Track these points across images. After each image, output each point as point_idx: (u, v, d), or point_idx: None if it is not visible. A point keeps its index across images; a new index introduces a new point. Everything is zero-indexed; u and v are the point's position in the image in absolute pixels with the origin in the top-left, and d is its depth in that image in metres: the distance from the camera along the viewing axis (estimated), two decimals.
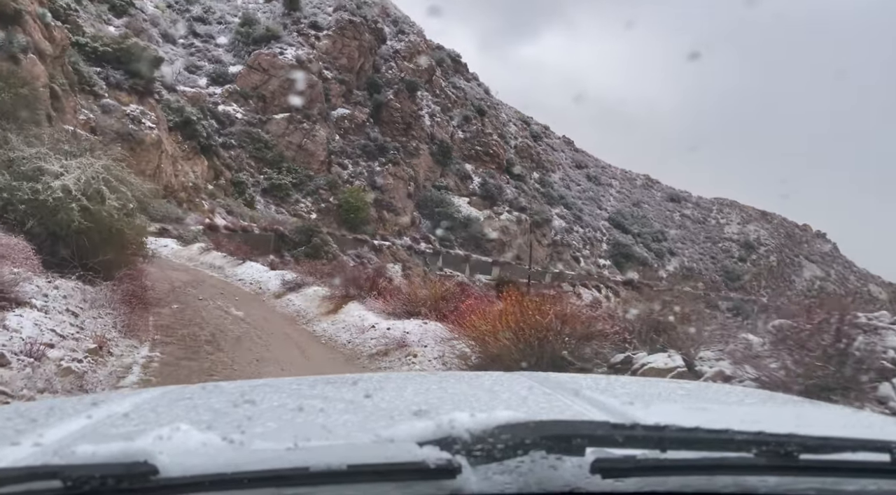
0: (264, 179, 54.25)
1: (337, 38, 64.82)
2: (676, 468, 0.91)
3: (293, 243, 36.00)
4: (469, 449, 0.87)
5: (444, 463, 0.83)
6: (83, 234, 8.46)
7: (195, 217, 33.14)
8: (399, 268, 55.00)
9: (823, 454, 0.93)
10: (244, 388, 1.69)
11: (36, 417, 1.31)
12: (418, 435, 0.90)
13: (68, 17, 32.46)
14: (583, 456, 0.89)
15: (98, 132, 28.55)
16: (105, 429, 1.21)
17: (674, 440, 0.91)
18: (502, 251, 62.57)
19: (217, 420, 1.27)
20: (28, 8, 24.77)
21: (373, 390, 1.55)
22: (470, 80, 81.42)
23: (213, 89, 57.33)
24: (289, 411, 1.36)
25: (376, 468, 0.83)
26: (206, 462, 0.83)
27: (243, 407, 1.38)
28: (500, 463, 0.88)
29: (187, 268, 14.56)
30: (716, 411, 1.48)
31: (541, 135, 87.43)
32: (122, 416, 1.32)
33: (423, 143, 66.24)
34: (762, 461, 0.92)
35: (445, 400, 1.45)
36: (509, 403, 1.48)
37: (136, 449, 0.83)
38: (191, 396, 1.57)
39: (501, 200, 65.73)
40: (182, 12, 63.08)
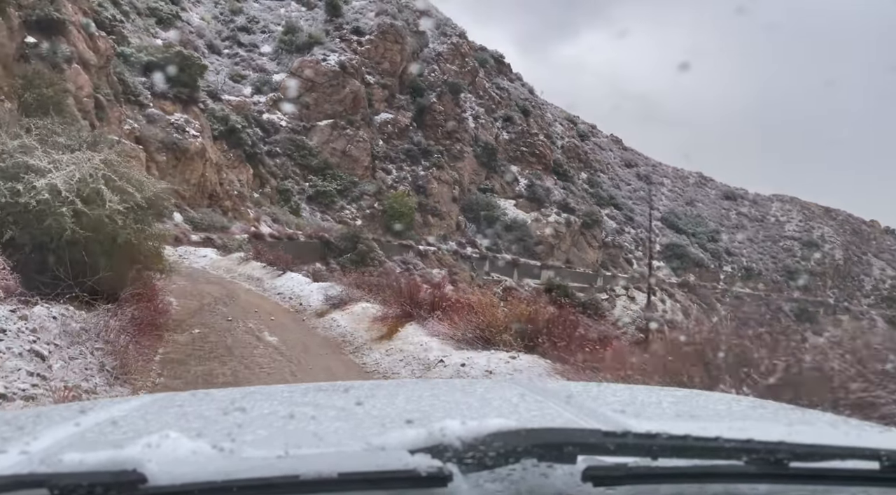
0: (309, 186, 54.05)
1: (379, 42, 64.31)
2: (667, 475, 0.91)
3: (339, 250, 35.28)
4: (460, 457, 0.87)
5: (435, 471, 0.84)
6: (79, 246, 6.92)
7: (240, 226, 32.74)
8: (445, 273, 53.99)
9: (813, 462, 0.94)
10: (235, 396, 1.66)
11: (23, 425, 1.28)
12: (410, 442, 0.90)
13: (113, 27, 32.51)
14: (574, 464, 0.89)
15: (143, 141, 28.33)
16: (93, 437, 1.19)
17: (665, 448, 0.92)
18: (551, 254, 60.78)
19: (207, 427, 1.26)
20: (72, 18, 24.57)
21: (364, 398, 1.51)
22: (514, 81, 79.97)
23: (258, 98, 57.49)
24: (280, 419, 1.33)
25: (367, 476, 0.83)
26: (195, 470, 0.82)
27: (233, 414, 1.35)
28: (491, 470, 0.88)
29: (222, 281, 13.60)
30: (706, 419, 1.45)
31: (588, 134, 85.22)
32: (110, 424, 1.28)
33: (468, 146, 65.10)
34: (752, 468, 0.92)
35: (437, 407, 1.43)
36: (501, 411, 1.46)
37: (125, 457, 0.82)
38: (181, 404, 1.55)
39: (549, 202, 63.97)
40: (227, 23, 63.64)
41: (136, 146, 27.25)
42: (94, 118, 24.36)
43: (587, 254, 63.03)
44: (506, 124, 69.55)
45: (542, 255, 60.04)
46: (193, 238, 23.90)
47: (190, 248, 17.01)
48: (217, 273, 14.14)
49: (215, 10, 64.49)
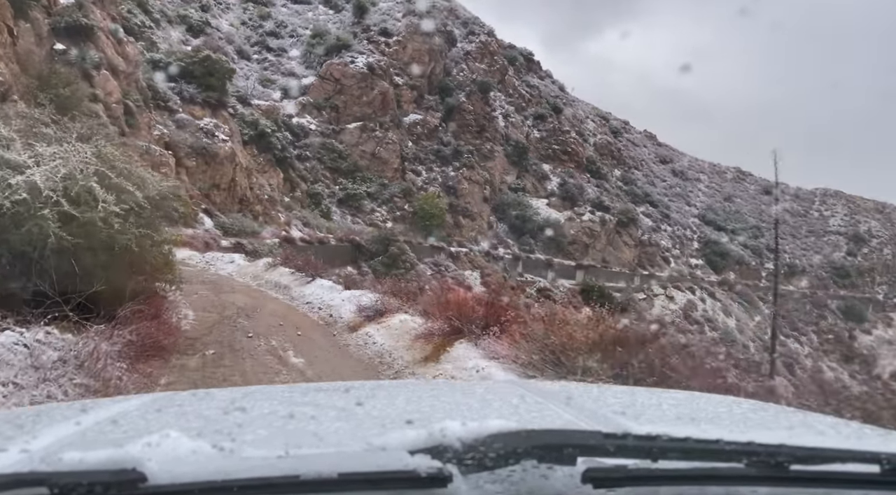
0: (339, 190, 53.82)
1: (407, 43, 63.85)
2: (668, 478, 0.91)
3: (370, 253, 34.74)
4: (460, 458, 0.87)
5: (435, 472, 0.84)
6: (67, 255, 5.80)
7: (271, 230, 32.42)
8: (477, 275, 53.16)
9: (814, 465, 0.94)
10: (235, 396, 1.65)
11: (24, 423, 1.28)
12: (410, 443, 0.90)
13: (142, 34, 32.51)
14: (574, 466, 0.90)
15: (172, 147, 28.15)
16: (93, 436, 1.19)
17: (665, 450, 0.92)
18: (586, 254, 59.44)
19: (207, 427, 1.26)
20: (100, 24, 24.44)
21: (365, 398, 1.51)
22: (543, 78, 78.77)
23: (287, 102, 57.46)
24: (280, 418, 1.32)
25: (367, 476, 0.83)
26: (195, 469, 0.83)
27: (234, 414, 1.35)
28: (491, 471, 0.88)
29: (248, 289, 12.68)
30: (707, 421, 1.45)
31: (621, 130, 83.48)
32: (110, 423, 1.28)
33: (498, 145, 64.18)
34: (753, 471, 0.92)
35: (437, 408, 1.44)
36: (501, 412, 1.46)
37: (125, 456, 0.83)
38: (181, 403, 1.54)
39: (583, 200, 62.64)
40: (255, 28, 63.93)
41: (166, 151, 27.08)
42: (123, 124, 24.20)
43: (623, 252, 61.53)
44: (536, 122, 68.43)
45: (577, 255, 58.76)
46: (223, 243, 23.53)
47: (217, 254, 16.36)
48: (243, 280, 13.35)
49: (244, 16, 64.87)
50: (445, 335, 8.35)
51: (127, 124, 24.63)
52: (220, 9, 64.07)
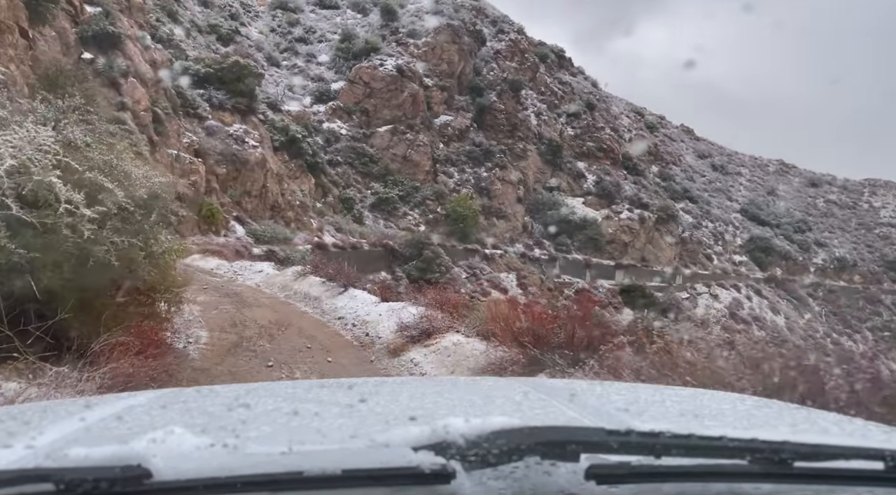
0: (371, 194, 53.30)
1: (436, 44, 63.09)
2: (671, 474, 0.91)
3: (404, 258, 33.93)
4: (464, 455, 0.88)
5: (438, 468, 0.84)
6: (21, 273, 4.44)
7: (303, 236, 31.88)
8: (514, 277, 51.98)
9: (817, 461, 0.94)
10: (239, 392, 1.66)
11: (29, 420, 1.28)
12: (413, 439, 0.90)
13: (171, 42, 32.31)
14: (577, 462, 0.90)
15: (202, 154, 27.75)
16: (98, 432, 1.20)
17: (668, 446, 0.92)
18: (625, 253, 57.72)
19: (211, 423, 1.26)
20: (127, 32, 24.10)
21: (368, 395, 1.52)
22: (576, 75, 77.17)
23: (317, 107, 57.24)
24: (283, 415, 1.33)
25: (371, 473, 0.84)
26: (199, 466, 0.83)
27: (238, 410, 1.35)
28: (494, 468, 0.88)
29: (275, 302, 11.52)
30: (710, 418, 1.45)
31: (656, 125, 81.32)
32: (115, 419, 1.28)
33: (531, 144, 62.88)
34: (756, 468, 0.92)
35: (441, 405, 1.44)
36: (504, 409, 1.46)
37: (130, 453, 0.83)
38: (185, 400, 1.54)
39: (620, 198, 60.89)
40: (284, 35, 63.98)
41: (196, 159, 26.67)
42: (151, 132, 23.83)
43: (663, 251, 59.61)
44: (570, 119, 66.94)
45: (616, 254, 57.12)
46: (255, 251, 22.95)
47: (246, 263, 15.58)
48: (270, 291, 12.38)
49: (273, 23, 65.00)
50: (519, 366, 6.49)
51: (156, 132, 24.24)
52: (250, 17, 64.33)
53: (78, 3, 22.85)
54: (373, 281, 25.48)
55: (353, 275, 12.21)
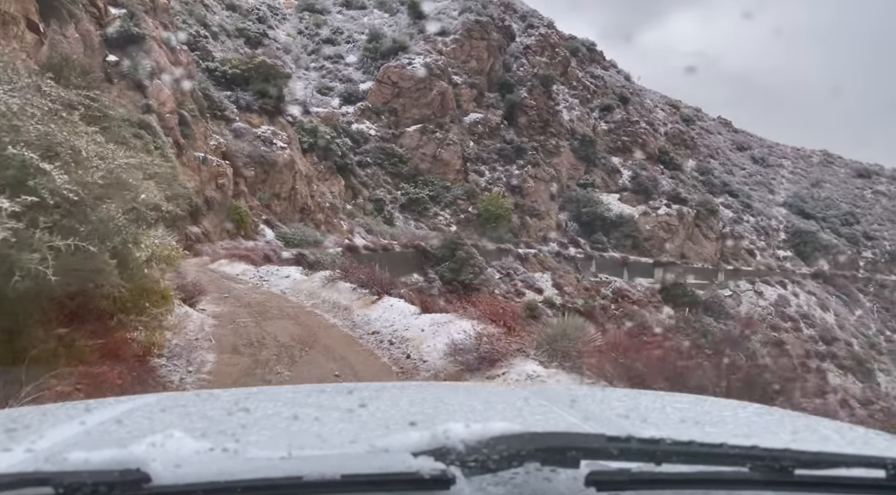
0: (401, 195, 52.63)
1: (464, 41, 62.13)
2: (671, 481, 0.91)
3: (436, 259, 32.97)
4: (464, 460, 0.87)
5: (438, 474, 0.84)
6: None
7: (333, 239, 31.17)
8: (549, 277, 50.64)
9: (818, 469, 0.94)
10: (239, 396, 1.65)
11: (29, 423, 1.28)
12: (413, 445, 0.90)
13: (197, 43, 31.91)
14: (577, 469, 0.90)
15: (229, 156, 27.19)
16: (98, 436, 1.20)
17: (669, 453, 0.92)
18: (663, 250, 55.88)
19: (211, 428, 1.26)
20: (152, 33, 23.58)
21: (368, 400, 1.51)
22: (608, 69, 75.37)
23: (346, 109, 56.78)
24: (283, 420, 1.33)
25: (370, 478, 0.83)
26: (199, 470, 0.83)
27: (237, 415, 1.36)
28: (494, 474, 0.88)
29: (300, 312, 10.29)
30: (711, 425, 1.45)
31: (692, 118, 79.00)
32: (115, 423, 1.28)
33: (563, 140, 61.45)
34: (757, 475, 0.92)
35: (441, 410, 1.45)
36: (505, 414, 1.45)
37: (129, 457, 0.83)
38: (185, 404, 1.55)
39: (657, 193, 59.05)
40: (312, 36, 63.70)
41: (223, 161, 26.13)
42: (178, 135, 23.30)
43: (704, 247, 57.59)
44: (603, 114, 65.27)
45: (654, 252, 55.34)
46: (284, 255, 22.23)
47: (273, 268, 14.69)
48: (296, 299, 11.22)
49: (300, 26, 64.80)
50: None
51: (182, 135, 23.72)
52: (277, 20, 64.22)
53: (102, 5, 22.44)
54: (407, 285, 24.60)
55: (387, 281, 10.98)
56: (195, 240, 22.83)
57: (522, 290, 49.23)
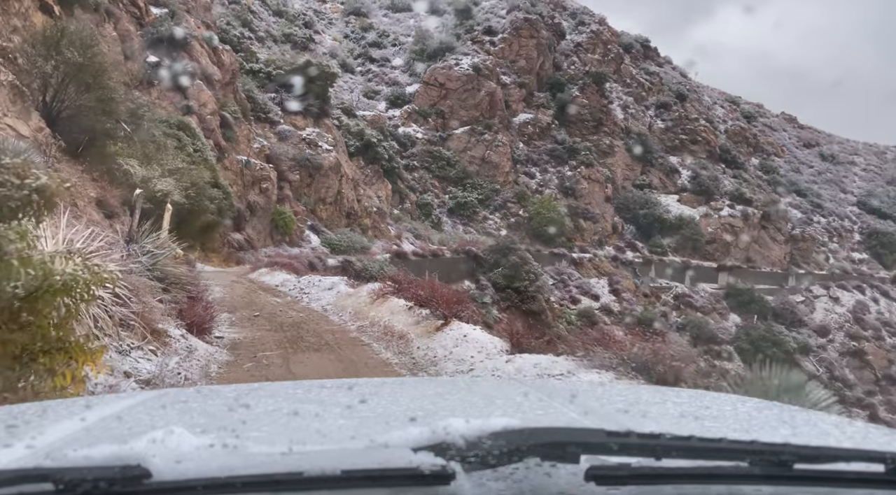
0: (449, 199, 51.23)
1: (513, 39, 60.40)
2: (671, 476, 0.91)
3: (488, 265, 31.23)
4: (463, 456, 0.88)
5: (438, 469, 0.84)
6: None
7: (381, 244, 29.86)
8: (605, 282, 48.23)
9: (818, 464, 0.95)
10: (240, 392, 1.66)
11: (29, 419, 1.29)
12: (413, 440, 0.90)
13: (241, 44, 31.11)
14: (577, 464, 0.90)
15: (273, 160, 26.12)
16: (98, 432, 1.20)
17: (668, 448, 0.92)
18: (728, 253, 52.67)
19: (211, 423, 1.26)
20: (194, 32, 22.64)
21: (368, 395, 1.52)
22: (662, 65, 72.30)
23: (392, 112, 55.76)
24: (284, 415, 1.33)
25: (370, 473, 0.84)
26: (199, 466, 0.83)
27: (238, 411, 1.35)
28: (494, 469, 0.89)
29: (343, 339, 8.05)
30: (711, 419, 1.45)
31: (754, 114, 75.04)
32: (115, 419, 1.29)
33: (618, 139, 58.89)
34: (757, 470, 0.93)
35: (441, 406, 1.45)
36: (505, 410, 1.46)
37: (129, 453, 0.83)
38: (186, 400, 1.56)
39: (719, 193, 55.84)
40: (358, 40, 63.04)
41: (267, 165, 25.05)
42: (219, 137, 22.29)
43: (771, 250, 54.11)
44: (659, 111, 62.42)
45: (717, 255, 52.24)
46: (330, 262, 20.92)
47: (316, 279, 13.05)
48: (339, 319, 9.38)
49: (346, 30, 64.28)
50: None
51: (224, 137, 22.71)
52: (323, 24, 63.85)
53: (143, 4, 21.63)
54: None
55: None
56: (237, 247, 21.75)
57: (577, 297, 47.00)
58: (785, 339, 45.13)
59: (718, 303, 49.01)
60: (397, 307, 8.80)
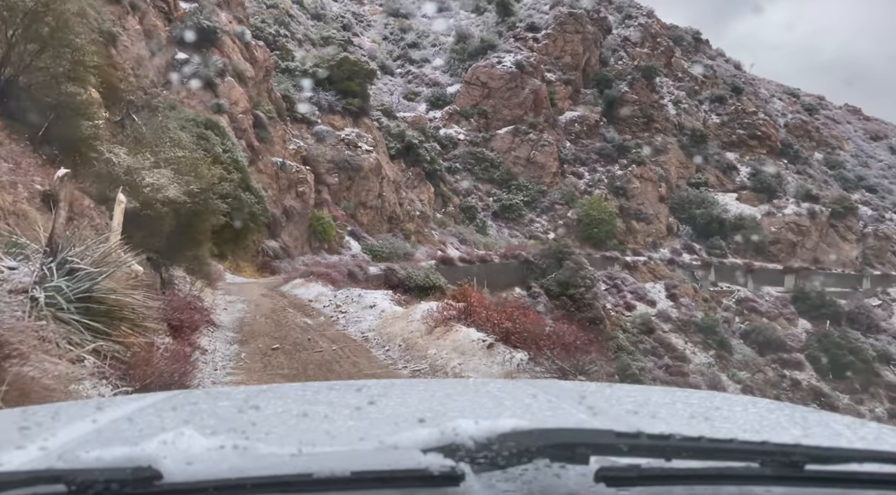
0: (494, 201, 49.23)
1: (557, 35, 58.12)
2: (681, 477, 0.91)
3: (541, 270, 29.05)
4: (473, 457, 0.87)
5: (447, 471, 0.84)
6: None
7: (425, 250, 28.06)
8: (661, 287, 45.41)
9: (830, 464, 0.94)
10: (249, 394, 1.67)
11: (42, 421, 1.29)
12: (422, 442, 0.90)
13: (276, 42, 29.77)
14: (587, 465, 0.90)
15: (310, 162, 24.55)
16: (110, 434, 1.21)
17: (678, 449, 0.92)
18: (793, 254, 49.14)
19: (221, 425, 1.27)
20: (225, 27, 21.21)
21: (377, 397, 1.51)
22: (715, 58, 68.85)
23: (433, 113, 54.13)
24: (293, 417, 1.33)
25: (380, 474, 0.84)
26: (210, 467, 0.84)
27: (248, 412, 1.36)
28: (503, 470, 0.88)
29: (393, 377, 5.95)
30: (721, 420, 1.44)
31: (815, 107, 70.78)
32: (126, 421, 1.30)
33: (671, 136, 55.94)
34: (768, 471, 0.92)
35: (450, 407, 1.44)
36: (514, 411, 1.46)
37: (141, 454, 0.84)
38: (196, 401, 1.56)
39: (782, 191, 52.31)
40: (397, 42, 61.71)
41: (304, 167, 23.48)
42: (252, 137, 20.79)
43: (842, 250, 50.30)
44: (714, 106, 59.16)
45: (782, 257, 48.80)
46: (371, 270, 19.17)
47: (355, 293, 10.84)
48: (385, 356, 7.13)
49: (385, 31, 63.05)
50: None
51: (258, 138, 21.19)
52: (362, 27, 62.75)
53: (172, 0, 20.29)
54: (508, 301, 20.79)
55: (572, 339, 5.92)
56: (272, 256, 20.19)
57: (632, 303, 44.34)
58: (862, 347, 41.56)
59: (785, 307, 45.59)
60: (467, 342, 6.28)
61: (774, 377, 39.16)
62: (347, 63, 29.54)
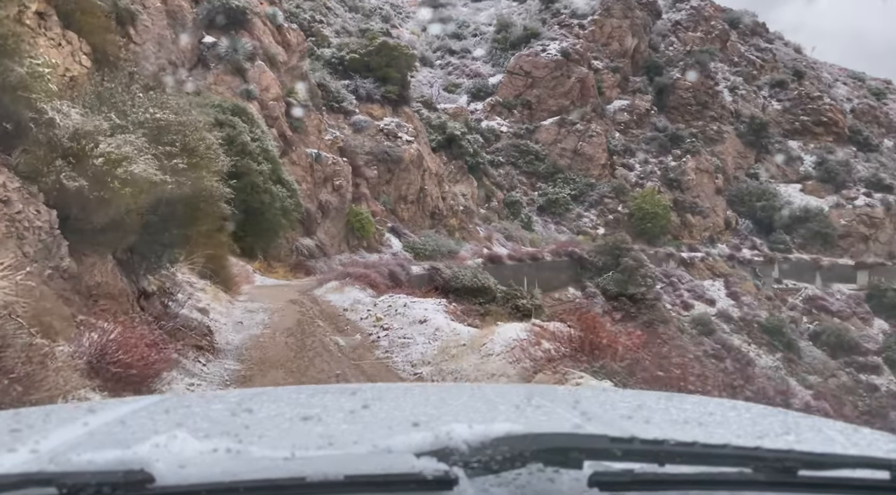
0: (539, 195, 47.02)
1: (604, 21, 55.49)
2: (674, 482, 0.92)
3: (596, 268, 26.78)
4: (466, 461, 0.88)
5: (441, 475, 0.84)
6: None
7: (470, 247, 26.16)
8: (720, 284, 42.52)
9: (822, 470, 0.94)
10: (243, 397, 1.67)
11: (33, 424, 1.30)
12: (416, 446, 0.90)
13: (311, 27, 28.20)
14: (580, 470, 0.90)
15: (348, 153, 22.84)
16: (102, 437, 1.21)
17: (672, 454, 0.92)
18: (866, 248, 45.55)
19: (215, 428, 1.27)
20: (256, 8, 19.59)
21: (371, 400, 1.52)
22: (773, 41, 64.86)
23: (475, 105, 52.15)
24: (287, 420, 1.34)
25: (373, 478, 0.84)
26: (202, 470, 0.84)
27: (241, 415, 1.36)
28: (497, 475, 0.89)
29: None
30: (715, 425, 1.45)
31: (883, 91, 66.11)
32: (118, 423, 1.30)
33: (727, 124, 52.74)
34: (761, 476, 0.93)
35: (444, 411, 1.44)
36: (508, 415, 1.46)
37: (133, 457, 0.84)
38: (189, 404, 1.56)
39: (852, 181, 48.60)
40: (438, 34, 59.92)
41: (341, 159, 21.82)
42: (284, 126, 19.18)
43: None
44: (774, 91, 55.54)
45: (854, 251, 45.24)
46: (414, 270, 17.36)
47: (399, 300, 8.39)
48: None
49: (424, 22, 61.33)
50: None
51: (291, 128, 19.57)
52: (400, 18, 61.21)
53: None
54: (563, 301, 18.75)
55: None
56: (307, 254, 18.56)
57: (690, 302, 41.64)
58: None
59: (859, 306, 42.18)
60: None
61: (849, 381, 36.12)
62: (386, 48, 27.84)
